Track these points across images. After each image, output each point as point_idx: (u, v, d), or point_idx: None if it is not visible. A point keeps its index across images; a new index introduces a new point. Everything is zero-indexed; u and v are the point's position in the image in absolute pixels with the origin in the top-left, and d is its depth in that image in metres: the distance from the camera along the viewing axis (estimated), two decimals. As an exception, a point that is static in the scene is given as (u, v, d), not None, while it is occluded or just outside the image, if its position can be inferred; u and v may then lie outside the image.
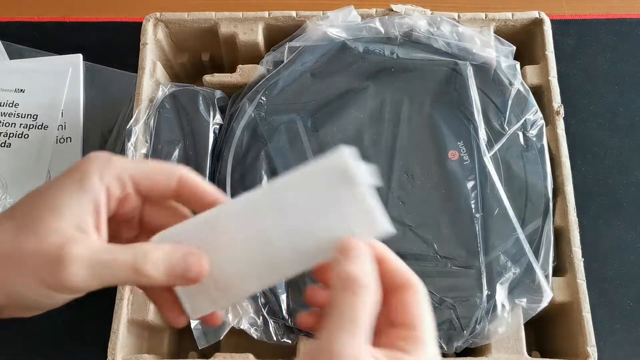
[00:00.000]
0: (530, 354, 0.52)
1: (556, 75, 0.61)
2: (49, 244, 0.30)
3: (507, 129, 0.57)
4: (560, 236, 0.56)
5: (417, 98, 0.58)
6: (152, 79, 0.61)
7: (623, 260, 0.63)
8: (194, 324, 0.53)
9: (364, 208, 0.32)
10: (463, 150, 0.56)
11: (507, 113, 0.57)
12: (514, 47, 0.61)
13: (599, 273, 0.62)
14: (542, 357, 0.55)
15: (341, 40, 0.60)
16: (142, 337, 0.56)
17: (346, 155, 0.32)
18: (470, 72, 0.58)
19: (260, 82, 0.60)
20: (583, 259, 0.55)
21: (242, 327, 0.52)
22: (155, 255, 0.31)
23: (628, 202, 0.65)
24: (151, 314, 0.54)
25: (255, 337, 0.52)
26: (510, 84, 0.58)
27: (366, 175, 0.32)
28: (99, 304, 0.59)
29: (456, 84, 0.58)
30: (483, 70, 0.59)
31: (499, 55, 0.60)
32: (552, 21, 0.64)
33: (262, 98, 0.58)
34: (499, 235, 0.53)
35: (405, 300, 0.32)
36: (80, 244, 0.30)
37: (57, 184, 0.31)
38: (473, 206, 0.54)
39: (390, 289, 0.33)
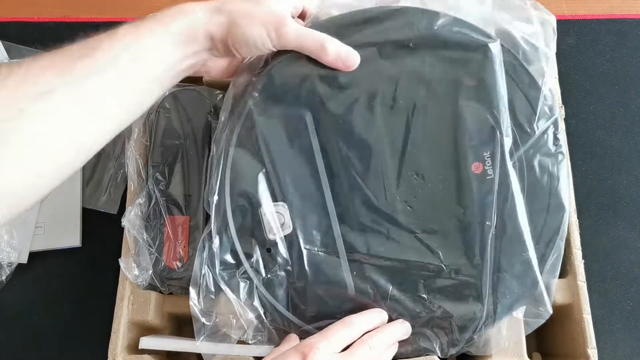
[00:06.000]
0: (530, 356, 0.52)
1: (557, 75, 0.61)
2: (276, 11, 0.47)
3: (537, 128, 0.50)
4: (561, 237, 0.56)
5: (437, 84, 0.49)
6: (152, 79, 0.61)
7: (623, 260, 0.63)
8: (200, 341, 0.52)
9: None
10: (488, 163, 0.48)
11: (539, 108, 0.50)
12: (554, 17, 0.53)
13: (599, 273, 0.62)
14: (542, 359, 0.55)
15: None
16: (142, 338, 0.56)
17: None
18: (498, 53, 0.49)
19: (259, 72, 0.52)
20: (583, 260, 0.55)
21: (247, 339, 0.51)
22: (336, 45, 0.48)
23: (628, 202, 0.65)
24: (151, 314, 0.54)
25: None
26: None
27: None
28: (99, 304, 0.59)
29: (484, 69, 0.49)
30: (513, 51, 0.51)
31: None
32: (553, 21, 0.64)
33: (258, 88, 0.51)
34: (510, 255, 0.49)
35: None
36: (292, 19, 0.48)
37: None
38: (487, 220, 0.49)
39: None
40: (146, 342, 0.53)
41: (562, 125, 0.54)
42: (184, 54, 0.46)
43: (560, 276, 0.55)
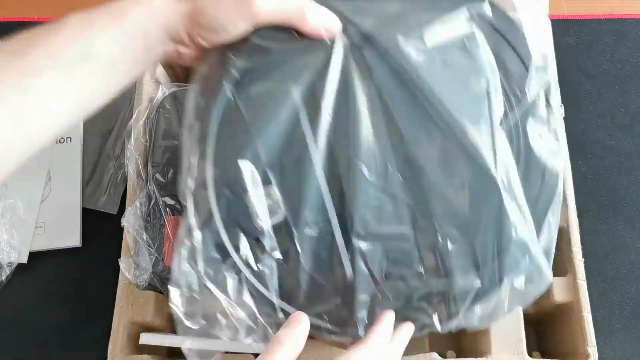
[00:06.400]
0: (531, 355, 0.52)
1: (556, 75, 0.61)
2: None
3: (528, 92, 0.47)
4: (560, 236, 0.56)
5: (425, 49, 0.46)
6: (152, 79, 0.61)
7: (623, 260, 0.63)
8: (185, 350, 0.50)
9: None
10: (483, 128, 0.46)
11: (531, 68, 0.48)
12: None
13: (599, 273, 0.62)
14: (542, 357, 0.55)
15: None
16: (142, 338, 0.56)
17: None
18: (487, 12, 0.47)
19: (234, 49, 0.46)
20: (583, 259, 0.55)
21: (241, 339, 0.50)
22: (316, 12, 0.43)
23: (628, 202, 0.66)
24: (151, 314, 0.54)
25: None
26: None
27: None
28: (99, 305, 0.59)
29: (471, 30, 0.46)
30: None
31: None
32: (552, 21, 0.64)
33: (237, 66, 0.45)
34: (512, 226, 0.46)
35: None
36: None
37: None
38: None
39: None
40: (146, 338, 0.53)
41: (555, 92, 0.51)
42: (143, 47, 0.41)
43: (560, 275, 0.55)
